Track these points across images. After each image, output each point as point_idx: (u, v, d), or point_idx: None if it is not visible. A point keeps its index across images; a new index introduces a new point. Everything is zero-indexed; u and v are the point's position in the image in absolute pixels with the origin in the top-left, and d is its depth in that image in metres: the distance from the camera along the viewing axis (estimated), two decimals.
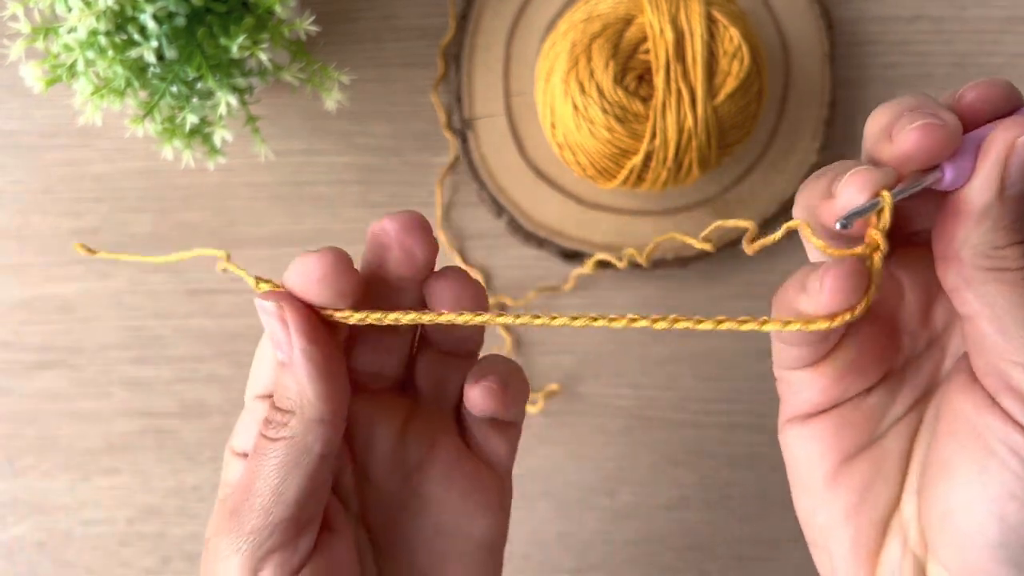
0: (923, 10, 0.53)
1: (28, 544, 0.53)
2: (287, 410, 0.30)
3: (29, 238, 0.53)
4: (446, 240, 0.53)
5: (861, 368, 0.31)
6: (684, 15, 0.46)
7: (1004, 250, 0.27)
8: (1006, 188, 0.27)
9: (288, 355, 0.30)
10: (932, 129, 0.27)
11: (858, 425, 0.31)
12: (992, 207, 0.27)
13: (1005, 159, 0.27)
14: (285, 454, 0.30)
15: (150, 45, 0.40)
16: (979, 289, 0.28)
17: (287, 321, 0.30)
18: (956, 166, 0.28)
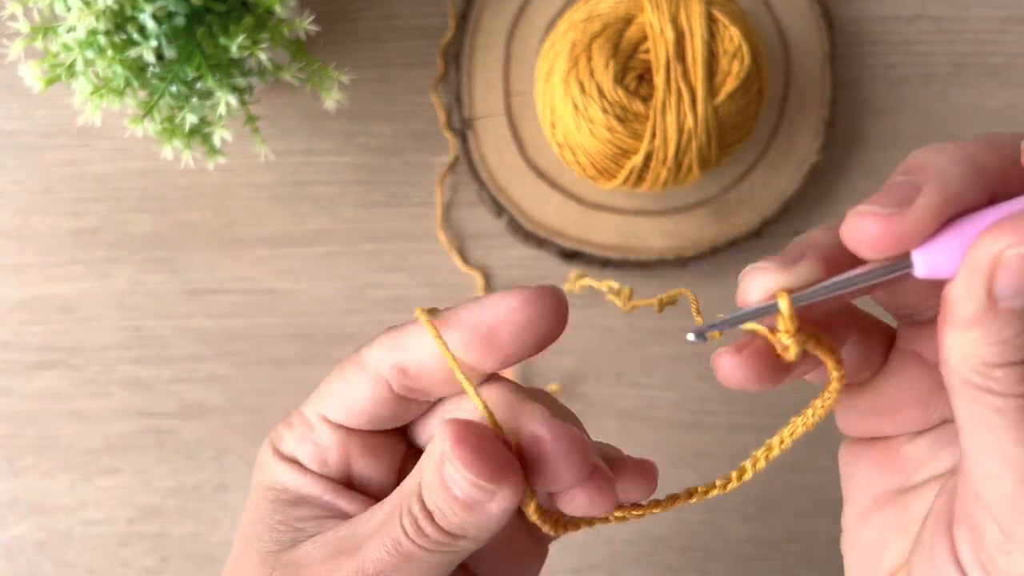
0: (924, 10, 0.53)
1: (28, 544, 0.53)
2: (452, 533, 0.27)
3: (29, 238, 0.53)
4: (446, 240, 0.53)
5: (896, 411, 0.28)
6: (684, 14, 0.46)
7: (996, 370, 0.23)
8: (997, 301, 0.23)
9: (481, 502, 0.27)
10: (876, 220, 0.24)
11: (892, 469, 0.29)
12: (981, 319, 0.23)
13: (990, 271, 0.22)
14: (440, 560, 0.28)
15: (149, 45, 0.40)
16: (964, 406, 0.24)
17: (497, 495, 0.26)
18: (931, 256, 0.24)
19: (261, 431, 0.53)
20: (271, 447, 0.31)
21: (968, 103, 0.53)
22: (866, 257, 0.24)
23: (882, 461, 0.29)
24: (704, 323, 0.26)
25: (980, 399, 0.23)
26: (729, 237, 0.52)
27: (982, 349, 0.23)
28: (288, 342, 0.53)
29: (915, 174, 0.24)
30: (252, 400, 0.53)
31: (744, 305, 0.25)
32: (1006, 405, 0.23)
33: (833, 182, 0.53)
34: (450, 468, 0.26)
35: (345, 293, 0.53)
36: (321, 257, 0.53)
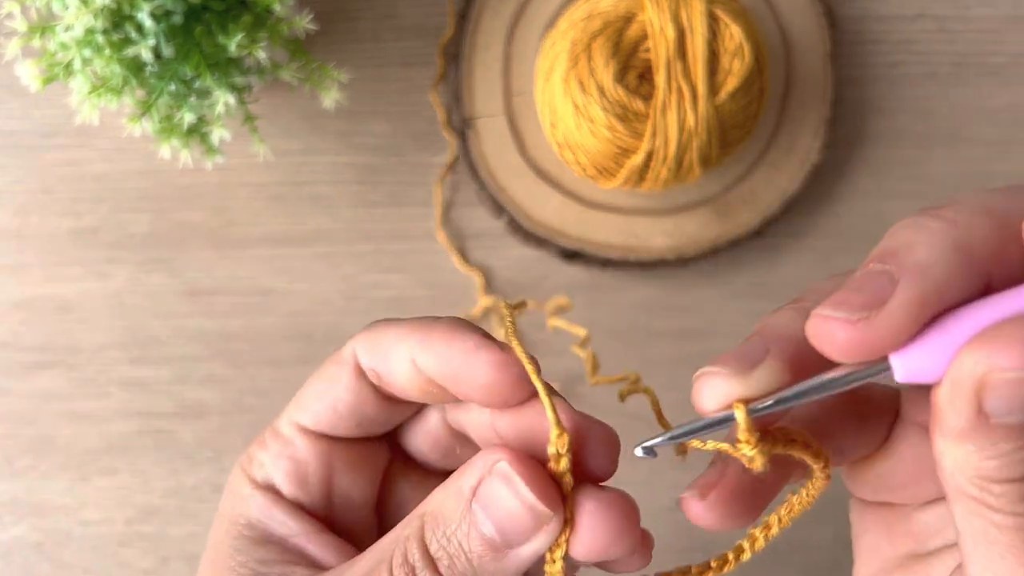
0: (926, 9, 0.53)
1: (26, 544, 0.53)
2: None
3: (28, 238, 0.53)
4: (446, 240, 0.53)
5: (903, 485, 0.26)
6: (685, 13, 0.46)
7: (994, 486, 0.21)
8: (989, 417, 0.20)
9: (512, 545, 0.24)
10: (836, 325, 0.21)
11: (902, 537, 0.27)
12: (973, 432, 0.21)
13: (977, 393, 0.20)
14: None
15: (147, 43, 0.40)
16: (962, 516, 0.22)
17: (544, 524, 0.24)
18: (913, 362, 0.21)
19: (260, 431, 0.53)
20: (242, 472, 0.29)
21: (969, 102, 0.53)
22: (835, 360, 0.22)
23: (893, 525, 0.27)
24: (657, 435, 0.24)
25: (978, 512, 0.21)
26: (730, 236, 0.52)
27: (978, 463, 0.21)
28: (287, 342, 0.53)
29: (891, 262, 0.22)
30: (251, 400, 0.53)
31: (701, 412, 0.23)
32: (1005, 523, 0.21)
33: (834, 181, 0.53)
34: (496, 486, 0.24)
35: (344, 293, 0.53)
36: (320, 257, 0.53)
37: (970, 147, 0.53)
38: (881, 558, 0.28)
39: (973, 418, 0.20)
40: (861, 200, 0.53)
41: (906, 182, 0.53)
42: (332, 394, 0.28)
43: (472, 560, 0.24)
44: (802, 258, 0.53)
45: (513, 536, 0.24)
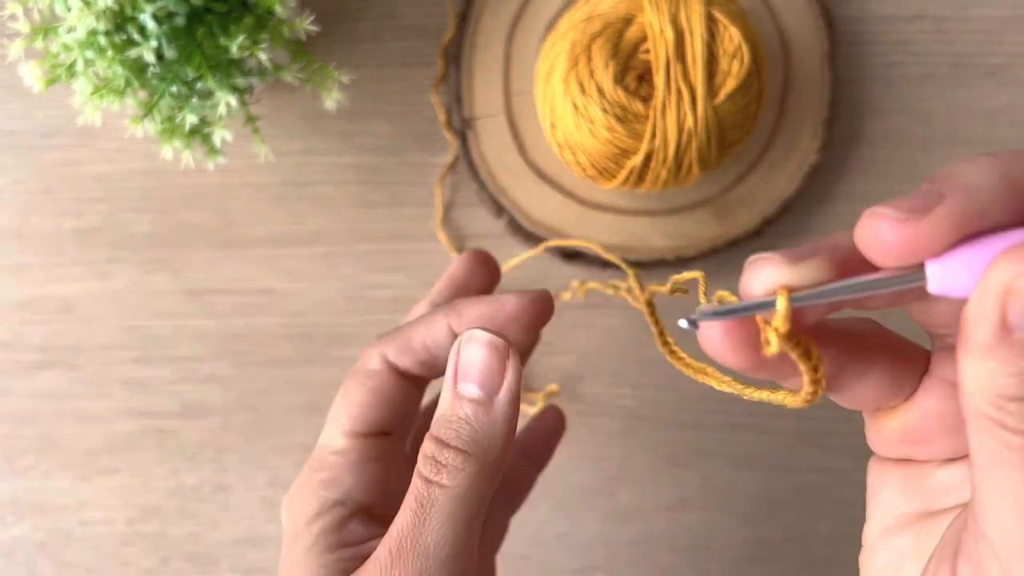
0: (924, 10, 0.53)
1: (28, 544, 0.53)
2: (468, 451, 0.29)
3: (29, 238, 0.53)
4: (446, 240, 0.53)
5: (924, 439, 0.27)
6: (684, 14, 0.46)
7: (1011, 403, 0.21)
8: (1012, 330, 0.21)
9: (492, 394, 0.30)
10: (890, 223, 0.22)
11: (916, 494, 0.28)
12: (996, 347, 0.21)
13: (1003, 299, 0.21)
14: (463, 498, 0.29)
15: (149, 45, 0.40)
16: (977, 437, 0.22)
17: (508, 363, 0.30)
18: (948, 271, 0.22)
19: (261, 431, 0.53)
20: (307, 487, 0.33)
21: (967, 103, 0.53)
22: (877, 263, 0.23)
23: (909, 482, 0.28)
24: (697, 312, 0.25)
25: (993, 433, 0.22)
26: (729, 237, 0.52)
27: (998, 380, 0.21)
28: (288, 342, 0.53)
29: (941, 183, 0.23)
30: (252, 400, 0.53)
31: (746, 295, 0.24)
32: (1019, 443, 0.21)
33: (833, 182, 0.53)
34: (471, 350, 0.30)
35: (345, 293, 0.53)
36: (321, 257, 0.53)
37: (968, 148, 0.53)
38: (894, 514, 0.29)
39: (998, 330, 0.21)
40: (859, 201, 0.53)
41: (904, 183, 0.53)
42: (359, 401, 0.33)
43: (470, 423, 0.29)
44: None
45: (488, 381, 0.30)
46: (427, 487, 0.29)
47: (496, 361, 0.30)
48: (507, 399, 0.30)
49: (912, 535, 0.28)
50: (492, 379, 0.30)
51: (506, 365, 0.30)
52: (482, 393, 0.30)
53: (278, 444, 0.53)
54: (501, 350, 0.30)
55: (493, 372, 0.30)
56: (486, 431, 0.29)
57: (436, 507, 0.29)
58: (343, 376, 0.53)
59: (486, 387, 0.30)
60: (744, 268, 0.24)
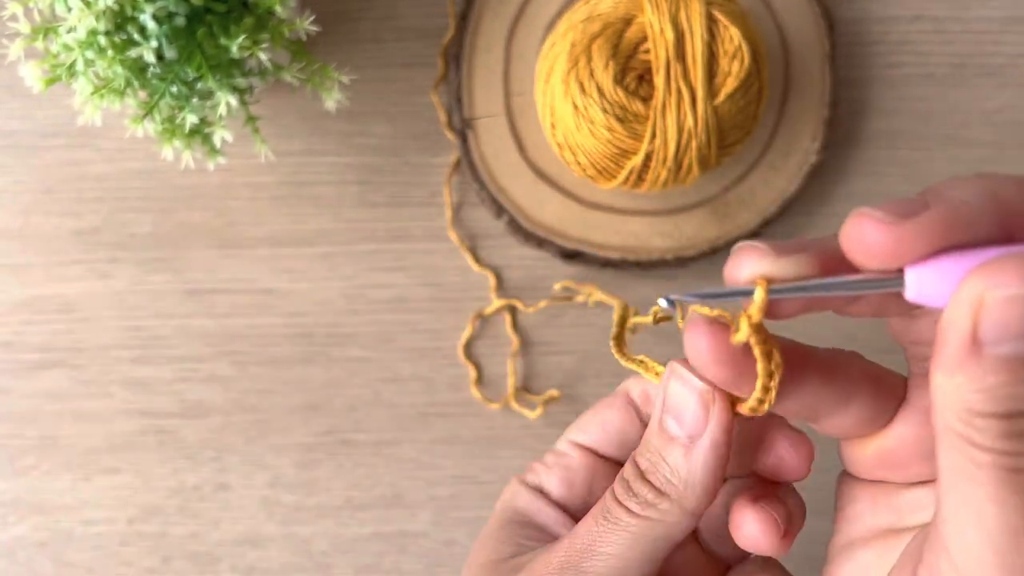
0: (924, 10, 0.53)
1: (29, 544, 0.53)
2: (661, 490, 0.28)
3: (30, 238, 0.53)
4: (457, 240, 0.53)
5: (901, 465, 0.28)
6: (684, 15, 0.46)
7: (978, 419, 0.21)
8: (982, 345, 0.21)
9: (693, 437, 0.28)
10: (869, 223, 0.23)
11: (884, 511, 0.29)
12: (965, 362, 0.21)
13: (974, 313, 0.21)
14: (646, 532, 0.28)
15: (150, 45, 0.40)
16: (944, 452, 0.22)
17: (712, 408, 0.27)
18: (926, 279, 0.22)
19: (261, 431, 0.53)
20: (518, 479, 0.34)
21: (968, 103, 0.53)
22: (859, 264, 0.23)
23: (879, 499, 0.29)
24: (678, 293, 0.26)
25: (961, 448, 0.22)
26: (729, 237, 0.52)
27: (966, 395, 0.21)
28: (288, 342, 0.53)
29: (928, 194, 0.23)
30: (252, 400, 0.53)
31: (730, 282, 0.25)
32: (984, 459, 0.21)
33: (833, 182, 0.53)
34: (675, 385, 0.28)
35: (345, 293, 0.53)
36: (321, 257, 0.53)
37: (968, 148, 0.53)
38: (861, 528, 0.29)
39: (968, 344, 0.21)
40: (859, 201, 0.53)
41: (904, 183, 0.53)
42: (603, 416, 0.33)
43: (667, 460, 0.28)
44: None
45: (691, 424, 0.27)
46: (617, 507, 0.29)
47: (699, 407, 0.27)
48: (709, 445, 0.27)
49: (878, 550, 0.28)
50: (695, 423, 0.27)
51: (709, 410, 0.27)
52: (684, 433, 0.28)
53: (278, 444, 0.53)
54: (704, 396, 0.27)
55: (696, 416, 0.27)
56: (683, 475, 0.28)
57: (619, 530, 0.28)
58: (343, 376, 0.53)
59: (687, 428, 0.28)
60: (731, 254, 0.25)
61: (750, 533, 0.29)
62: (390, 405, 0.53)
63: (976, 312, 0.21)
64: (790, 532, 0.29)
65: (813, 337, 0.29)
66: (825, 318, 0.31)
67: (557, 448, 0.34)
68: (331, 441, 0.53)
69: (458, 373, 0.53)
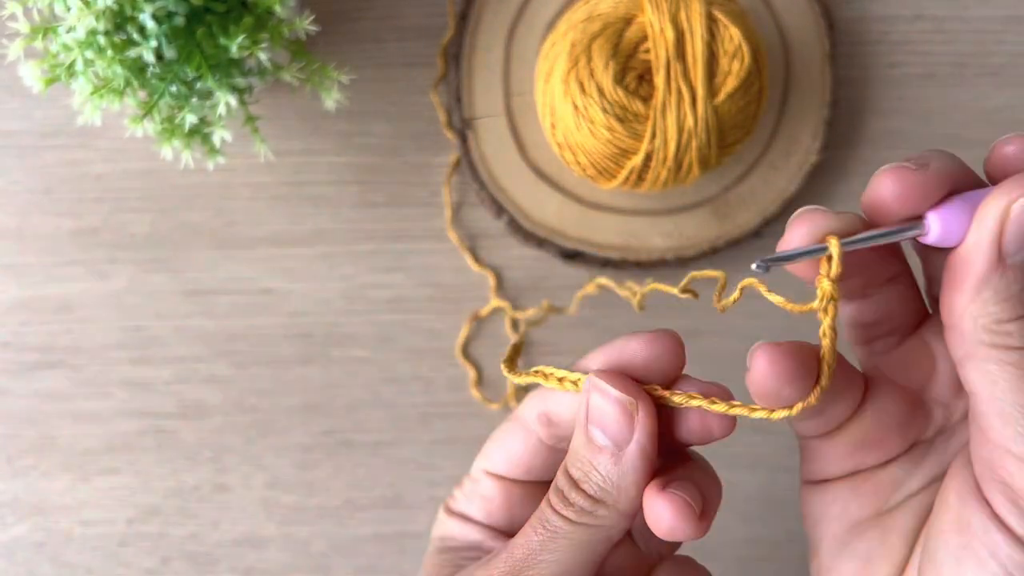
0: (924, 10, 0.53)
1: (28, 544, 0.53)
2: (596, 498, 0.29)
3: (29, 238, 0.53)
4: (457, 240, 0.53)
5: (878, 442, 0.29)
6: (684, 14, 0.46)
7: (1008, 324, 0.24)
8: (1005, 257, 0.24)
9: (620, 446, 0.29)
10: (901, 173, 0.26)
11: (868, 495, 0.30)
12: (991, 276, 0.24)
13: (1000, 226, 0.24)
14: (584, 538, 0.29)
15: (149, 45, 0.40)
16: (980, 366, 0.25)
17: (636, 418, 0.29)
18: (945, 219, 0.25)
19: (261, 431, 0.53)
20: (445, 507, 0.35)
21: (968, 103, 0.53)
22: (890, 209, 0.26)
23: (857, 490, 0.30)
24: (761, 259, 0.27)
25: (999, 356, 0.24)
26: (729, 237, 0.52)
27: (992, 307, 0.24)
28: (288, 342, 0.53)
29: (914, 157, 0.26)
30: (252, 400, 0.53)
31: (794, 246, 0.26)
32: (1019, 357, 0.24)
33: (833, 182, 0.53)
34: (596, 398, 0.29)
35: (345, 293, 0.53)
36: (321, 257, 0.53)
37: (969, 148, 0.53)
38: (847, 524, 0.30)
39: (993, 260, 0.24)
40: (860, 201, 0.53)
41: None
42: (508, 448, 0.33)
43: (599, 470, 0.29)
44: None
45: (616, 434, 0.28)
46: (555, 516, 0.29)
47: (623, 417, 0.28)
48: (637, 451, 0.28)
49: (874, 535, 0.29)
50: (620, 433, 0.28)
51: (634, 421, 0.28)
52: (611, 443, 0.29)
53: (278, 444, 0.53)
54: (626, 406, 0.28)
55: (621, 426, 0.28)
56: (614, 481, 0.29)
57: (559, 538, 0.29)
58: (343, 376, 0.53)
59: (612, 437, 0.29)
60: (790, 224, 0.27)
61: (665, 521, 0.28)
62: (390, 405, 0.53)
63: (1000, 226, 0.24)
64: (706, 512, 0.29)
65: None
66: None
67: (472, 474, 0.34)
68: (331, 441, 0.53)
69: (458, 373, 0.53)
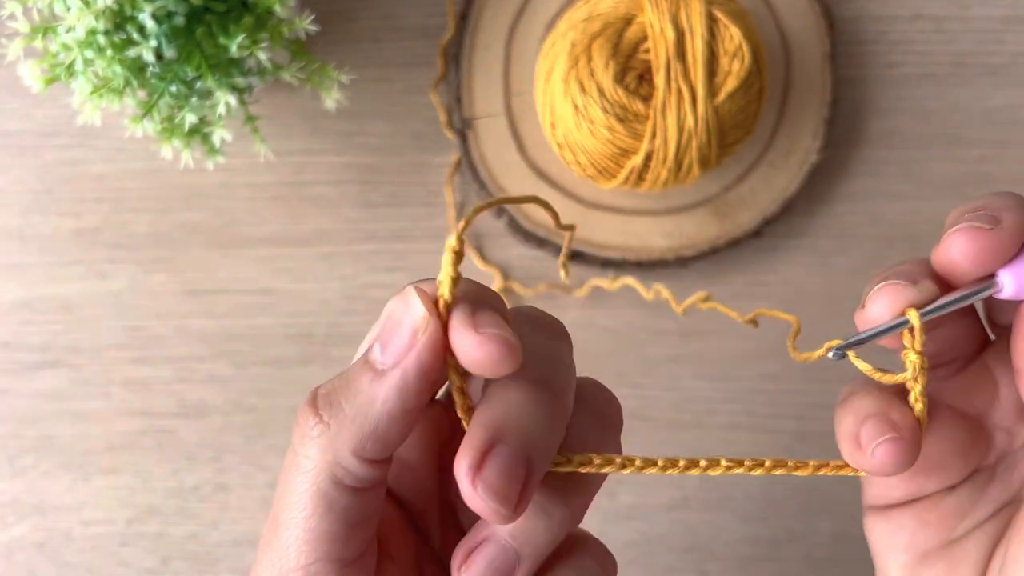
0: (924, 9, 0.53)
1: (28, 544, 0.53)
2: (322, 417, 0.25)
3: (29, 238, 0.53)
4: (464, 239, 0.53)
5: (940, 466, 0.29)
6: (685, 14, 0.46)
7: None
8: None
9: (389, 363, 0.25)
10: (974, 234, 0.25)
11: (934, 524, 0.29)
12: None
13: None
14: (319, 480, 0.25)
15: (149, 44, 0.40)
16: None
17: (420, 333, 0.25)
18: (1018, 276, 0.26)
19: (261, 431, 0.53)
20: None
21: (968, 102, 0.53)
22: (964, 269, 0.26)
23: (923, 518, 0.29)
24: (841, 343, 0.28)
25: None
26: (729, 237, 0.52)
27: None
28: (288, 342, 0.53)
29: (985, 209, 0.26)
30: (252, 400, 0.53)
31: (873, 322, 0.27)
32: None
33: (834, 181, 0.53)
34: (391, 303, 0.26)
35: (345, 293, 0.53)
36: (321, 257, 0.53)
37: (969, 148, 0.53)
38: (917, 553, 0.29)
39: None
40: (860, 201, 0.53)
41: (905, 183, 0.53)
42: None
43: (350, 384, 0.25)
44: (801, 259, 0.53)
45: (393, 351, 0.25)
46: (291, 449, 0.26)
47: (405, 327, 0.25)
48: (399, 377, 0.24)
49: (944, 566, 0.29)
50: (396, 348, 0.25)
51: (416, 335, 0.25)
52: (381, 360, 0.25)
53: (278, 444, 0.53)
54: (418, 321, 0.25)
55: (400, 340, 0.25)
56: (359, 401, 0.25)
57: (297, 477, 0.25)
58: None
59: (388, 355, 0.25)
60: (867, 300, 0.27)
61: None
62: None
63: None
64: None
65: None
66: None
67: None
68: None
69: None
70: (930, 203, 0.53)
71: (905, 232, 0.53)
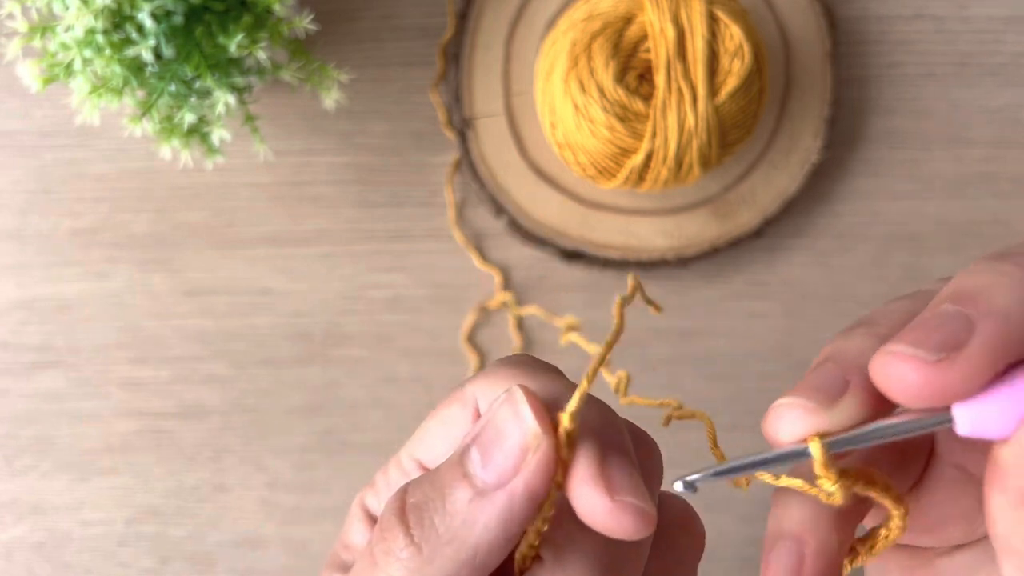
0: (925, 9, 0.53)
1: (27, 544, 0.53)
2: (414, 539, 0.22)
3: (28, 238, 0.53)
4: (463, 239, 0.53)
5: (940, 526, 0.25)
6: (685, 13, 0.46)
7: None
8: None
9: (492, 482, 0.22)
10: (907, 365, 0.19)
11: None
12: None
13: None
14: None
15: (148, 44, 0.40)
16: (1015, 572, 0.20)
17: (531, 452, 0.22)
18: (978, 414, 0.20)
19: (260, 431, 0.53)
20: (359, 502, 0.28)
21: (969, 102, 0.53)
22: (902, 403, 0.21)
23: (915, 571, 0.26)
24: (702, 470, 0.22)
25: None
26: (730, 237, 0.52)
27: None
28: (287, 342, 0.53)
29: (967, 305, 0.20)
30: (251, 400, 0.53)
31: (774, 444, 0.22)
32: None
33: (834, 181, 0.53)
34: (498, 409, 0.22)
35: (344, 293, 0.53)
36: (320, 257, 0.53)
37: (969, 147, 0.53)
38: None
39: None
40: (861, 200, 0.53)
41: (905, 182, 0.53)
42: (451, 435, 0.27)
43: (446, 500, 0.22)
44: (802, 258, 0.53)
45: (498, 467, 0.22)
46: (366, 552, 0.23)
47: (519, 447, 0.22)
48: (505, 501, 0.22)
49: None
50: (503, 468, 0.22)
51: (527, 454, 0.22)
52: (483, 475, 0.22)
53: (277, 445, 0.53)
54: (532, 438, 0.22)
55: (509, 460, 0.22)
56: (455, 525, 0.22)
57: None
58: (342, 376, 0.53)
59: (492, 472, 0.22)
60: (768, 415, 0.22)
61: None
62: (389, 406, 0.53)
63: None
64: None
65: None
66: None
67: (402, 461, 0.28)
68: (330, 442, 0.53)
69: (458, 373, 0.53)
70: (931, 203, 0.53)
71: (906, 232, 0.53)
